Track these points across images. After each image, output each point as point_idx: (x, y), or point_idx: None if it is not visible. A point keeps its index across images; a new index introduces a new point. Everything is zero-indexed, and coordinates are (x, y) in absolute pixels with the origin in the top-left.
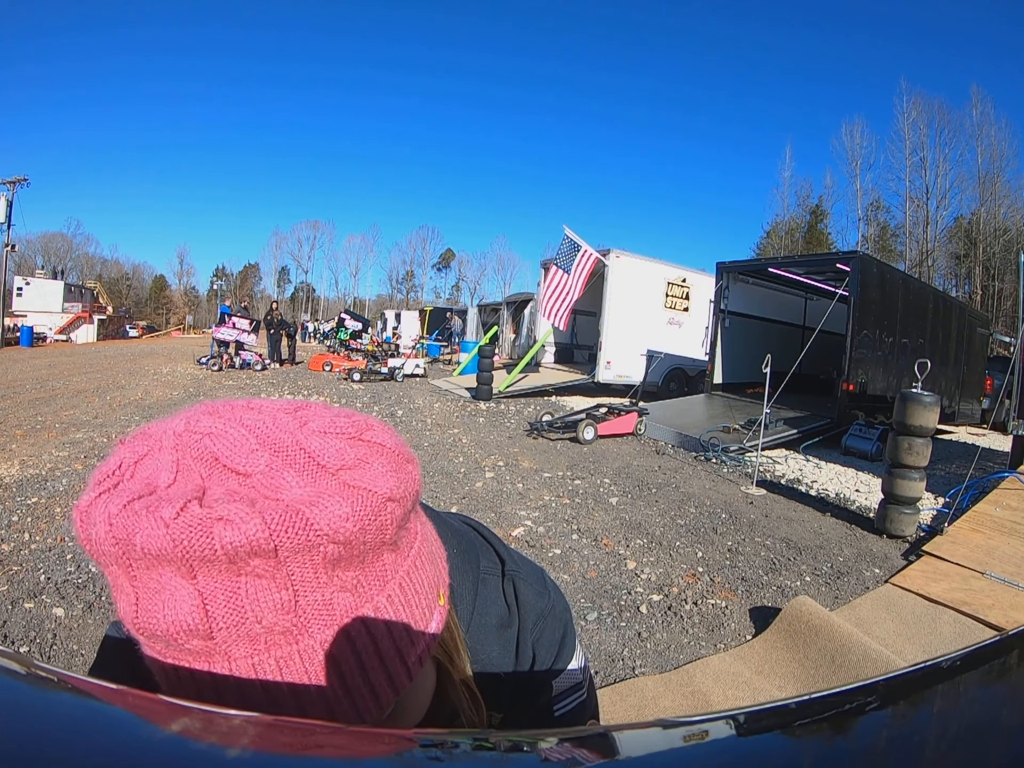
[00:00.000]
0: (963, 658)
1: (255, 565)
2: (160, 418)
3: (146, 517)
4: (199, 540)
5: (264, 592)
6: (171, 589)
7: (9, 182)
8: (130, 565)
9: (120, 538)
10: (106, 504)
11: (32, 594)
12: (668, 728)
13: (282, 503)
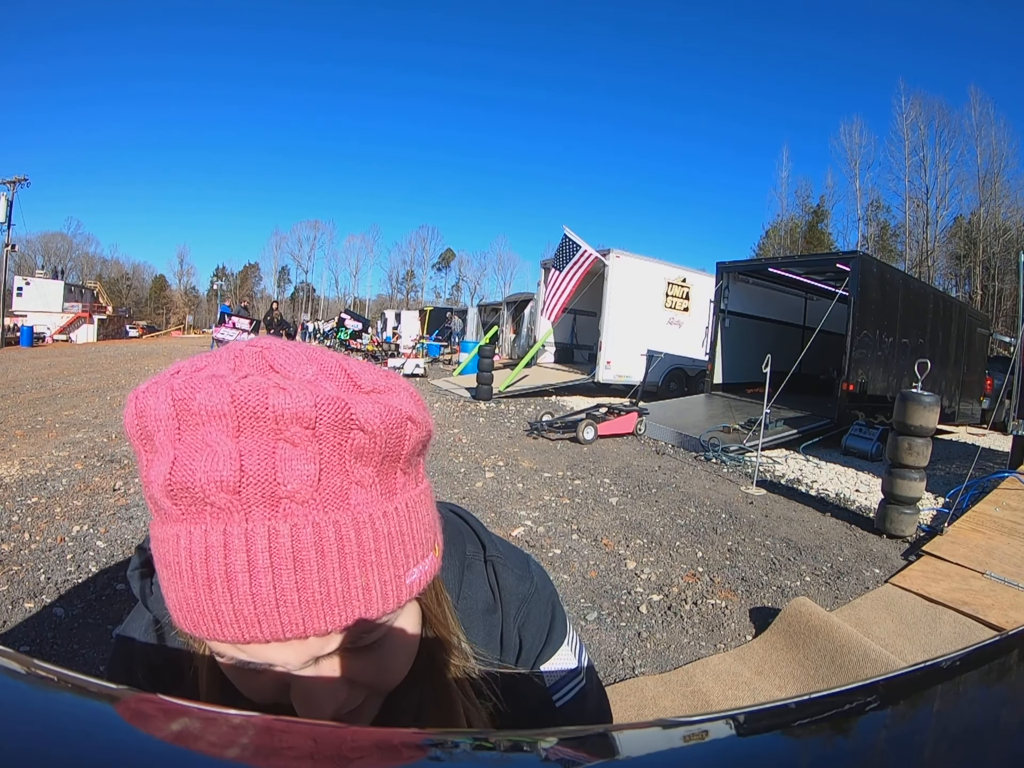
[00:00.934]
0: (963, 658)
1: (293, 432)
2: None
3: (210, 380)
4: (254, 399)
5: (295, 460)
6: (213, 445)
7: (9, 182)
8: (179, 426)
9: (179, 398)
10: (169, 380)
11: (32, 594)
12: (668, 728)
13: (326, 391)
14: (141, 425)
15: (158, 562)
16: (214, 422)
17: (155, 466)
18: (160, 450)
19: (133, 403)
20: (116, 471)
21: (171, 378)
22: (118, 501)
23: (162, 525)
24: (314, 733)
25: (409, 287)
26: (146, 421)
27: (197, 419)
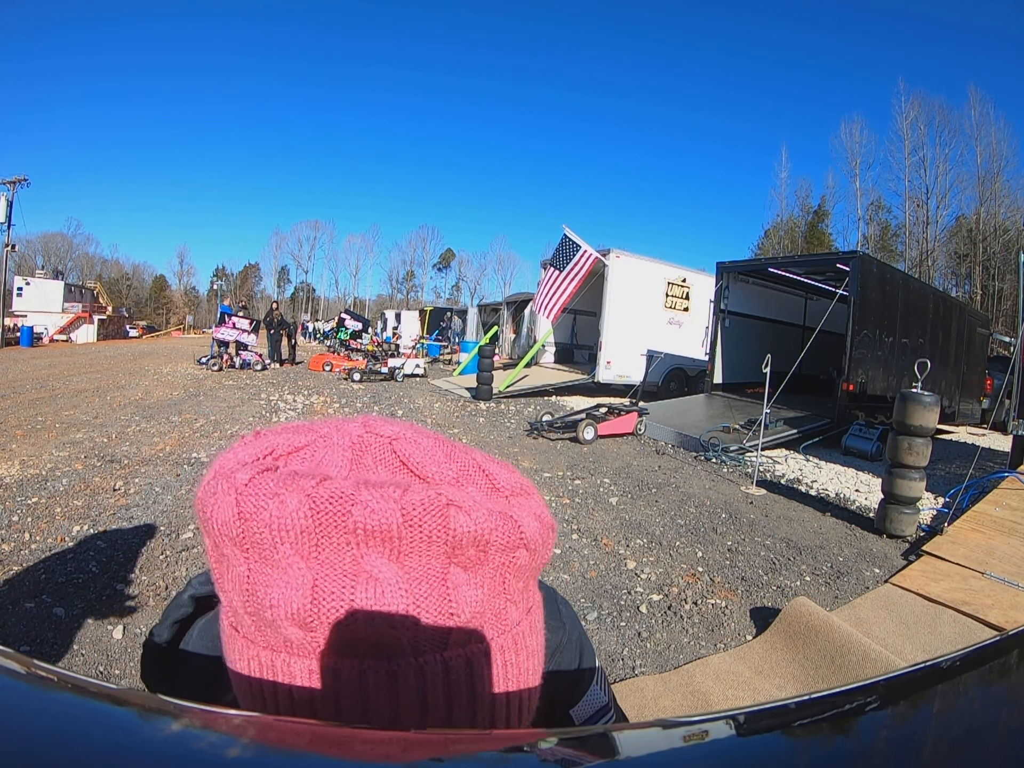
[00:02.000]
0: (963, 658)
1: (467, 556)
2: (262, 428)
3: (374, 493)
4: (431, 520)
5: (466, 586)
6: (375, 573)
7: (9, 182)
8: (318, 543)
9: (325, 510)
10: (296, 481)
11: (32, 594)
12: (668, 728)
13: (491, 505)
14: (247, 530)
15: (251, 688)
16: (374, 544)
17: (277, 586)
18: (285, 567)
19: (233, 498)
20: (116, 471)
21: (295, 478)
22: (118, 501)
23: (274, 652)
24: (315, 733)
25: (409, 287)
26: (260, 528)
27: (350, 538)
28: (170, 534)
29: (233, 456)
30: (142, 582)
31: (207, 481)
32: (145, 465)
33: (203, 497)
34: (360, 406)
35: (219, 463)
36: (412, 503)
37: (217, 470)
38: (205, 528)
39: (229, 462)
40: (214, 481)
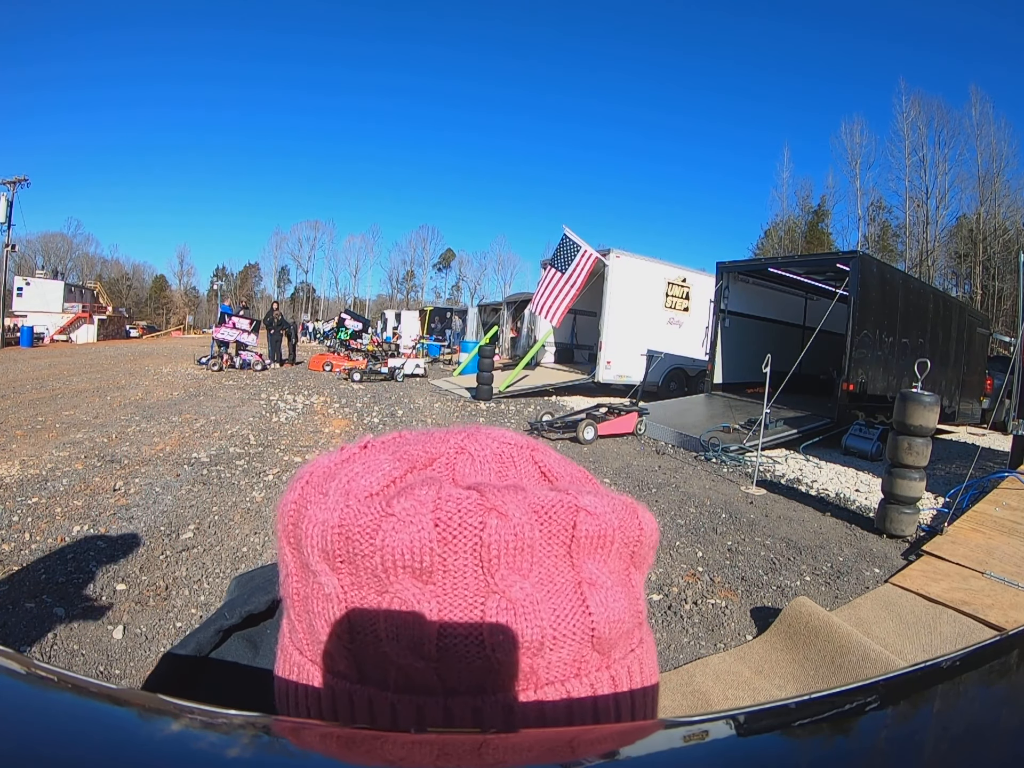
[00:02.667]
0: (963, 658)
1: (643, 556)
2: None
3: (594, 500)
4: (631, 521)
5: (642, 586)
6: (594, 578)
7: (9, 182)
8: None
9: (556, 523)
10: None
11: (32, 594)
12: (668, 728)
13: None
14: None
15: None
16: (592, 550)
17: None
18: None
19: (425, 527)
20: (116, 471)
21: (500, 492)
22: (118, 501)
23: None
24: (316, 733)
25: (409, 287)
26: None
27: (577, 546)
28: (170, 534)
29: (368, 471)
30: (142, 582)
31: (343, 504)
32: (145, 465)
33: (355, 523)
34: (360, 406)
35: (350, 479)
36: (619, 506)
37: (353, 489)
38: (350, 561)
39: (371, 479)
40: (373, 502)
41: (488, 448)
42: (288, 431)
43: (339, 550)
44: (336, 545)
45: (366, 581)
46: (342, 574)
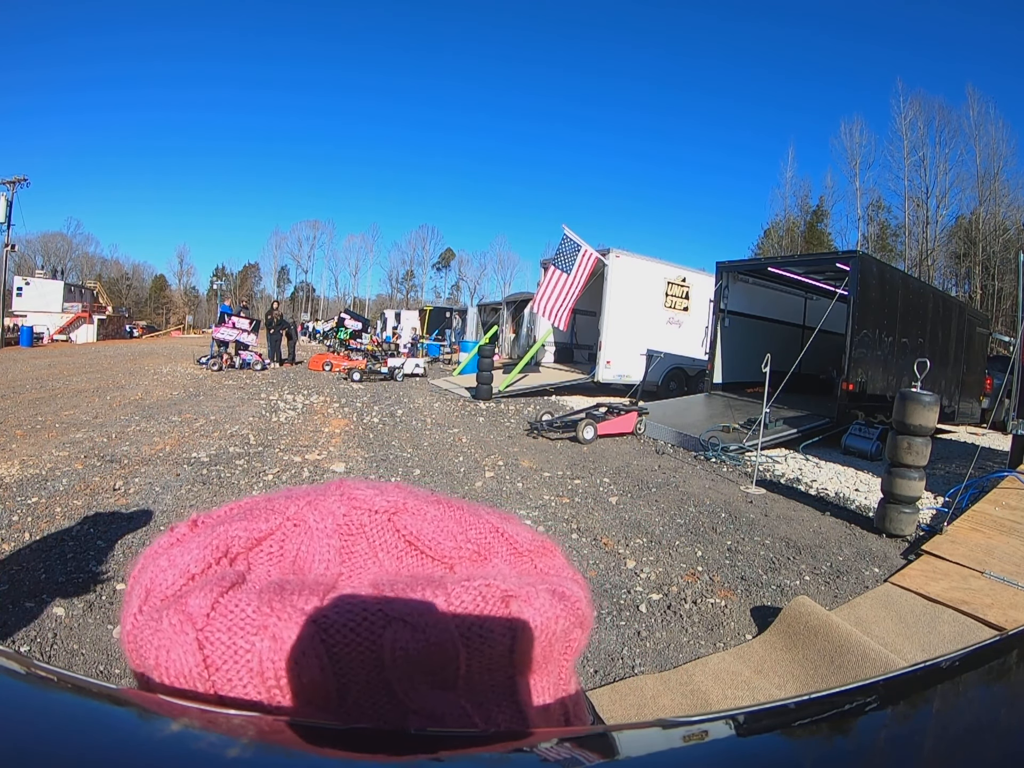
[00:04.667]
0: (963, 658)
1: (534, 656)
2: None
3: (413, 607)
4: (499, 626)
5: (531, 693)
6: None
7: (9, 182)
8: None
9: (356, 647)
10: (270, 607)
11: (32, 594)
12: (668, 728)
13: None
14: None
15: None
16: (424, 676)
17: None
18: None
19: (193, 640)
20: (116, 471)
21: (283, 594)
22: (118, 501)
23: None
24: (316, 733)
25: (409, 287)
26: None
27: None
28: None
29: (172, 564)
30: None
31: (137, 609)
32: (145, 465)
33: (139, 636)
34: (360, 406)
35: (152, 577)
36: (468, 603)
37: (153, 590)
38: (143, 680)
39: (168, 576)
40: (155, 611)
41: (331, 517)
42: (288, 431)
43: (136, 661)
44: (131, 655)
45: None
46: (142, 680)
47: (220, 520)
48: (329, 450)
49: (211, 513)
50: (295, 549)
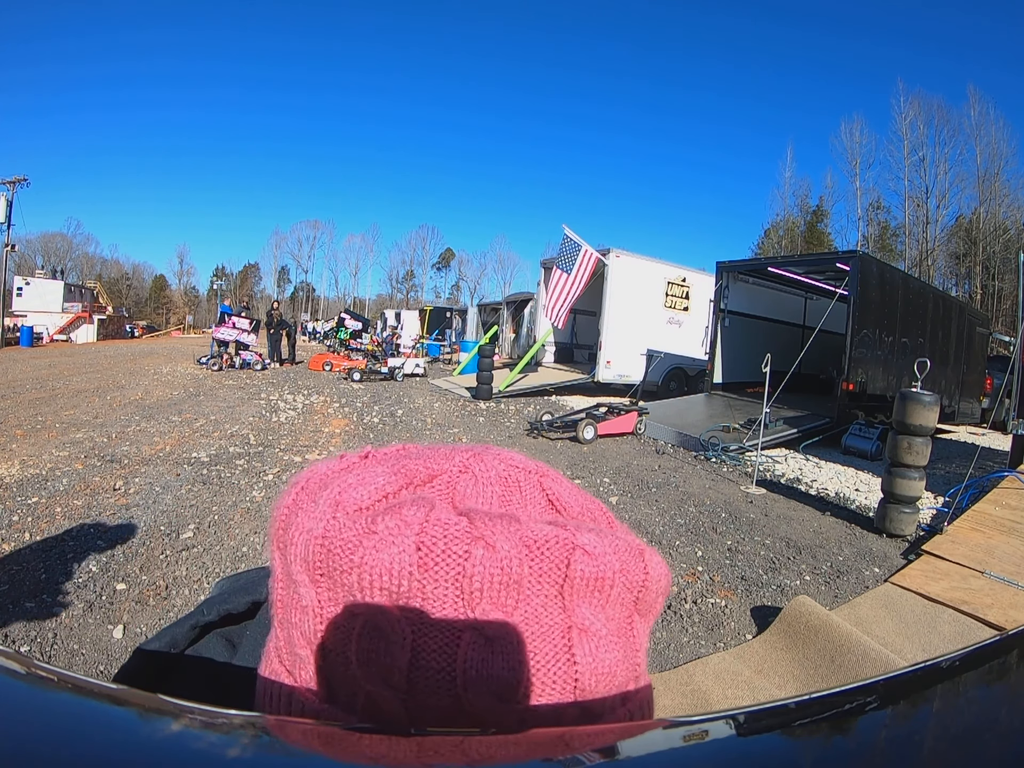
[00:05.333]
0: (963, 658)
1: (648, 602)
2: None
3: (594, 538)
4: (635, 565)
5: (644, 634)
6: (587, 624)
7: (9, 182)
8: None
9: (552, 559)
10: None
11: (32, 594)
12: (668, 728)
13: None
14: (504, 586)
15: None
16: (588, 593)
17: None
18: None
19: (412, 545)
20: (116, 471)
21: (490, 519)
22: (118, 501)
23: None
24: (316, 733)
25: (409, 287)
26: (520, 578)
27: (568, 586)
28: (170, 534)
29: (363, 483)
30: (142, 582)
31: (331, 515)
32: (145, 465)
33: (339, 537)
34: (360, 405)
35: (341, 490)
36: (622, 547)
37: (343, 502)
38: (325, 582)
39: (362, 492)
40: (358, 518)
41: (494, 470)
42: (288, 431)
43: (319, 562)
44: (317, 557)
45: (343, 598)
46: (320, 588)
47: (392, 456)
48: (329, 450)
49: (379, 450)
50: (463, 490)
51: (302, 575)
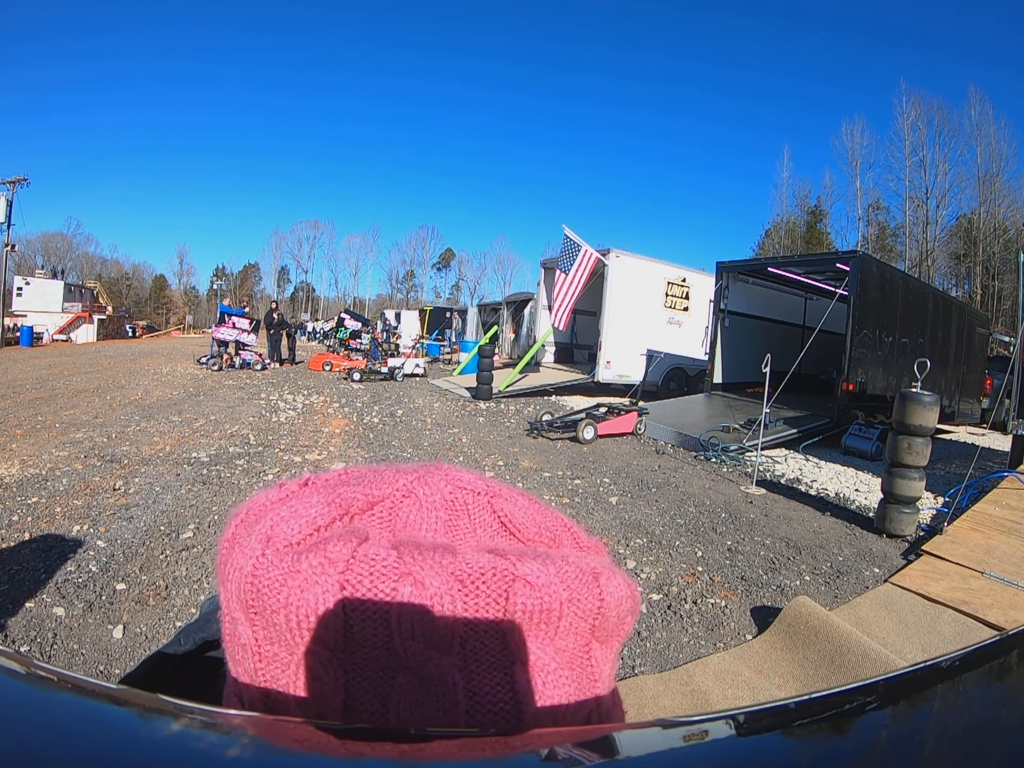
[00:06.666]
0: (963, 658)
1: (607, 627)
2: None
3: (538, 567)
4: (589, 592)
5: (604, 660)
6: (535, 658)
7: (9, 182)
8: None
9: (489, 593)
10: (414, 561)
11: (32, 594)
12: (668, 728)
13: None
14: (427, 635)
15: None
16: (534, 626)
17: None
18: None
19: (336, 587)
20: (116, 471)
21: (418, 551)
22: (118, 501)
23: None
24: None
25: (409, 287)
26: (440, 628)
27: (510, 621)
28: (170, 534)
29: (295, 515)
30: (142, 582)
31: (260, 552)
32: (145, 465)
33: (266, 576)
34: (360, 405)
35: (273, 524)
36: (571, 573)
37: (274, 536)
38: (259, 620)
39: (293, 525)
40: (285, 555)
41: (439, 493)
42: (288, 431)
43: (251, 601)
44: (248, 595)
45: (277, 638)
46: (256, 626)
47: (331, 483)
48: (329, 450)
49: (320, 476)
50: (405, 517)
51: (238, 612)
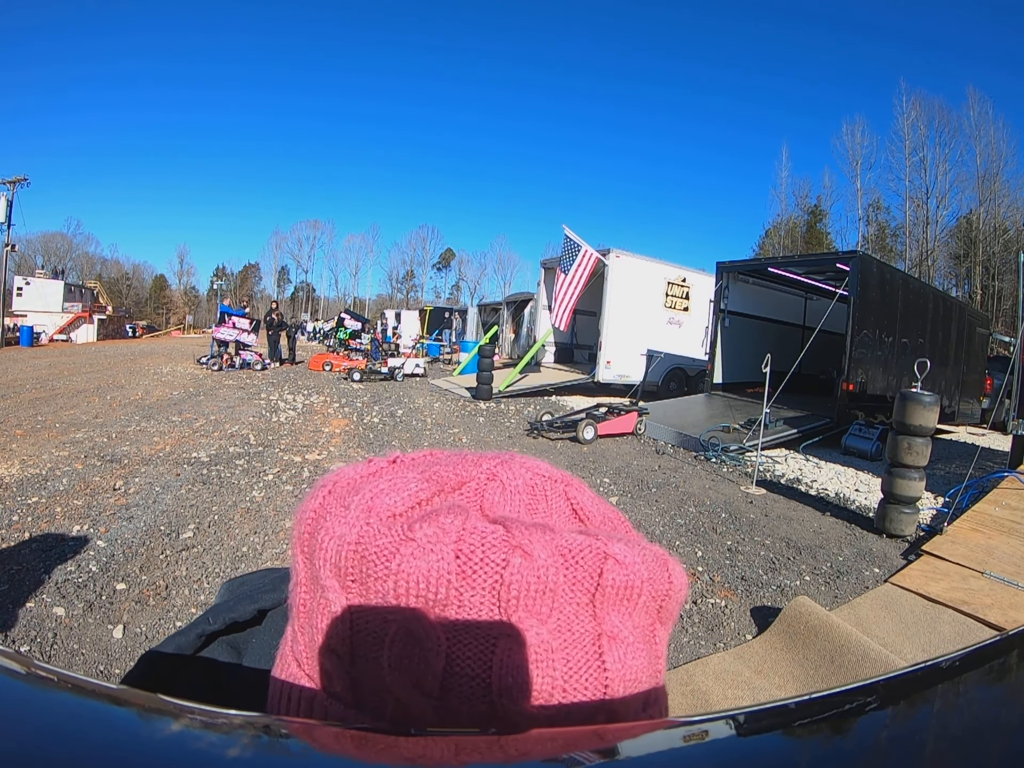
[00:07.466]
0: (963, 658)
1: (670, 611)
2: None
3: (624, 548)
4: (662, 574)
5: (664, 643)
6: (616, 632)
7: (9, 182)
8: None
9: (586, 568)
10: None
11: (32, 594)
12: (668, 728)
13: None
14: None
15: None
16: (618, 602)
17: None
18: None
19: (450, 553)
20: (116, 471)
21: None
22: (118, 501)
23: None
24: (317, 733)
25: (409, 287)
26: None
27: (598, 595)
28: (170, 534)
29: (395, 489)
30: (142, 581)
31: (364, 521)
32: (145, 465)
33: (374, 544)
34: (360, 405)
35: (373, 496)
36: (649, 557)
37: (375, 508)
38: (356, 587)
39: (394, 498)
40: (393, 525)
41: (521, 478)
42: (288, 431)
43: (352, 568)
44: (350, 563)
45: (375, 604)
46: (351, 593)
47: (420, 462)
48: (329, 450)
49: (407, 455)
50: (491, 498)
51: (331, 580)
